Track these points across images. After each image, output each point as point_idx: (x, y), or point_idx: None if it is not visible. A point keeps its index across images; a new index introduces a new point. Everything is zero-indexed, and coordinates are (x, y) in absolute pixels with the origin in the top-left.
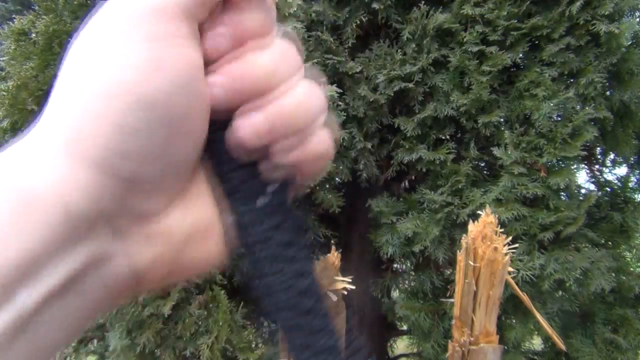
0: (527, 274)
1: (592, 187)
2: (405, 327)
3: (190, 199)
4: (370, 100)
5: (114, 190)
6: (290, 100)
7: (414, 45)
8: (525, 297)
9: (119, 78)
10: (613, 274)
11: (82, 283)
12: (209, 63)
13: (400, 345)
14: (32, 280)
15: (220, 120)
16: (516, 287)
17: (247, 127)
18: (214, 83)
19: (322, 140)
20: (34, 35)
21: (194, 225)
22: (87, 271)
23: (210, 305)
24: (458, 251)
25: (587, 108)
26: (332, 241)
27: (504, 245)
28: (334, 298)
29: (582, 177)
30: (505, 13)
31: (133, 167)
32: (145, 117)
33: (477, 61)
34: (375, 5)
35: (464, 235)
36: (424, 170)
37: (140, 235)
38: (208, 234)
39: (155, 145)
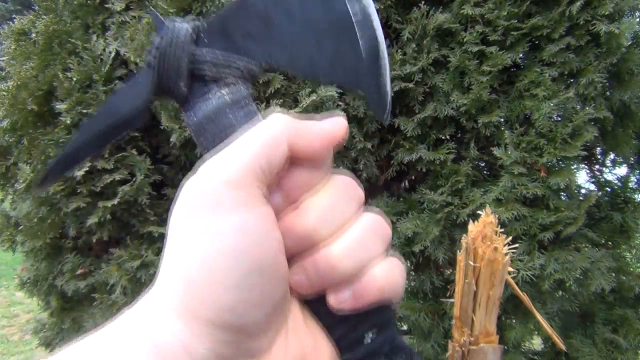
0: (527, 274)
1: (592, 187)
2: (405, 327)
3: (288, 331)
4: None
5: (225, 338)
6: (331, 254)
7: (414, 45)
8: (525, 297)
9: (215, 246)
10: (613, 274)
11: None
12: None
13: None
14: None
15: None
16: (516, 287)
17: (291, 283)
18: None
19: (379, 280)
20: (34, 35)
21: (294, 355)
22: None
23: None
24: (458, 251)
25: (587, 108)
26: None
27: (504, 245)
28: None
29: (582, 177)
30: (505, 13)
31: (241, 318)
32: (244, 273)
33: (477, 61)
34: (375, 5)
35: (464, 235)
36: (424, 170)
37: None
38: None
39: (255, 295)
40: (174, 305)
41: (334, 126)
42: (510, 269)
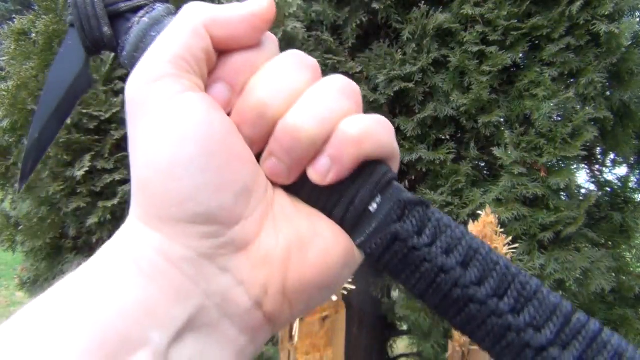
0: None
1: (592, 187)
2: (405, 327)
3: (276, 217)
4: (370, 100)
5: (199, 231)
6: (289, 123)
7: (414, 45)
8: None
9: (152, 141)
10: (613, 274)
11: (209, 319)
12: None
13: (400, 345)
14: (160, 322)
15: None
16: None
17: (266, 172)
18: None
19: (352, 132)
20: (34, 35)
21: (288, 240)
22: (210, 308)
23: None
24: None
25: (587, 108)
26: None
27: (504, 245)
28: (334, 298)
29: (582, 177)
30: (505, 13)
31: (205, 205)
32: (190, 158)
33: (477, 61)
34: (375, 5)
35: None
36: (424, 170)
37: (244, 264)
38: (306, 245)
39: (212, 178)
40: (138, 215)
41: (256, 4)
42: None
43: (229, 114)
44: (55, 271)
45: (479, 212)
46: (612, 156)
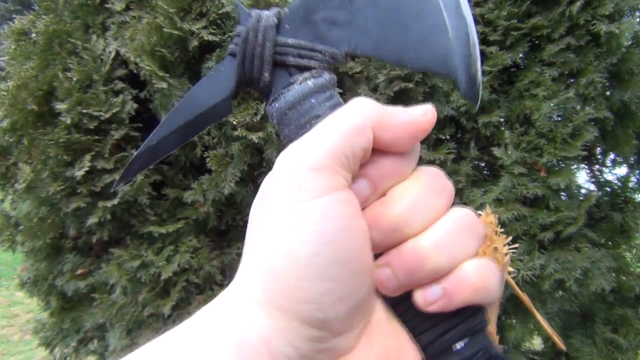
0: (527, 274)
1: (592, 187)
2: None
3: (372, 331)
4: None
5: (308, 334)
6: (421, 247)
7: None
8: (525, 297)
9: (295, 241)
10: (613, 274)
11: None
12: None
13: None
14: None
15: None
16: (516, 287)
17: (376, 281)
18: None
19: (472, 278)
20: (34, 35)
21: (379, 356)
22: None
23: None
24: None
25: (587, 108)
26: None
27: (504, 245)
28: None
29: (582, 177)
30: (505, 13)
31: (324, 312)
32: (328, 263)
33: None
34: None
35: None
36: None
37: None
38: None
39: (339, 288)
40: (257, 297)
41: (421, 114)
42: (511, 269)
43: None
44: (55, 271)
45: (479, 212)
46: (612, 156)
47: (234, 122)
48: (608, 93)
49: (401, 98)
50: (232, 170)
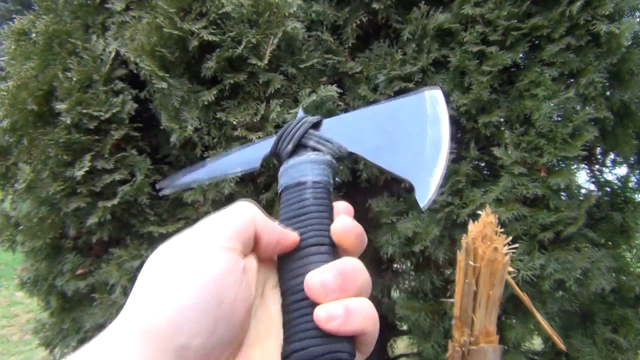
0: (527, 274)
1: (592, 187)
2: (405, 327)
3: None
4: (371, 100)
5: (171, 358)
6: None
7: (414, 45)
8: (525, 297)
9: (186, 277)
10: (613, 274)
11: None
12: None
13: (400, 345)
14: None
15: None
16: (516, 287)
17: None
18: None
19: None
20: (34, 35)
21: None
22: None
23: None
24: (458, 251)
25: (587, 108)
26: None
27: (504, 245)
28: None
29: (582, 177)
30: (505, 13)
31: (186, 339)
32: (204, 302)
33: (477, 61)
34: (375, 5)
35: (464, 235)
36: None
37: None
38: None
39: (206, 323)
40: (139, 323)
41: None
42: (510, 269)
43: None
44: (55, 271)
45: (479, 212)
46: (612, 156)
47: (234, 122)
48: (608, 93)
49: None
50: None
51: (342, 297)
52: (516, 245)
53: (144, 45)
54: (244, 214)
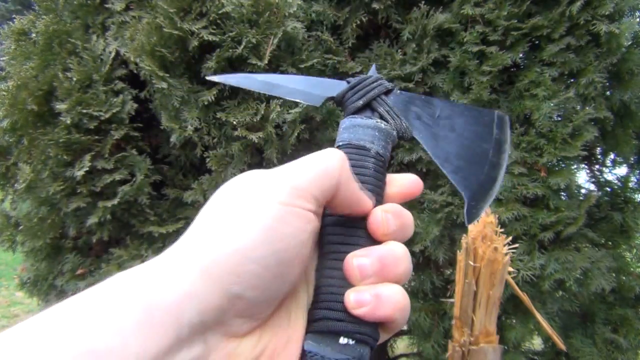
0: (527, 274)
1: (592, 187)
2: (405, 327)
3: (267, 326)
4: None
5: (220, 304)
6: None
7: (414, 45)
8: (525, 297)
9: (258, 226)
10: (613, 274)
11: None
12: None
13: (400, 345)
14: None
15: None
16: (516, 287)
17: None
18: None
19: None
20: (34, 35)
21: (263, 349)
22: None
23: None
24: (458, 251)
25: (587, 108)
26: None
27: (504, 245)
28: None
29: (582, 177)
30: (505, 13)
31: (241, 290)
32: (269, 258)
33: (477, 61)
34: (375, 5)
35: (464, 235)
36: (424, 170)
37: (222, 351)
38: (273, 357)
39: (264, 278)
40: (198, 259)
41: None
42: (510, 269)
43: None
44: (55, 271)
45: None
46: (612, 156)
47: (234, 122)
48: (608, 93)
49: None
50: (232, 170)
51: (378, 282)
52: (516, 245)
53: (144, 45)
54: (332, 163)
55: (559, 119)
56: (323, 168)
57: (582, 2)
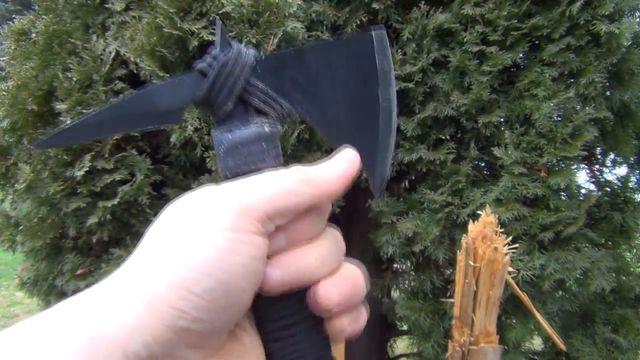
0: (527, 274)
1: (592, 187)
2: (405, 327)
3: (220, 357)
4: None
5: (168, 338)
6: (348, 278)
7: (414, 45)
8: (525, 297)
9: (202, 257)
10: (613, 274)
11: None
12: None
13: (400, 345)
14: None
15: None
16: (516, 287)
17: (328, 294)
18: (272, 273)
19: (362, 315)
20: (34, 35)
21: None
22: None
23: None
24: (458, 251)
25: (587, 108)
26: None
27: (504, 245)
28: None
29: (582, 177)
30: (505, 13)
31: (189, 323)
32: (215, 290)
33: (477, 61)
34: (375, 5)
35: (464, 235)
36: (424, 170)
37: None
38: None
39: (211, 311)
40: (141, 291)
41: (347, 166)
42: (510, 269)
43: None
44: (55, 271)
45: (479, 212)
46: (612, 156)
47: None
48: (608, 93)
49: (401, 98)
50: None
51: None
52: (516, 245)
53: (144, 45)
54: (290, 178)
55: (559, 119)
56: (280, 184)
57: (582, 2)
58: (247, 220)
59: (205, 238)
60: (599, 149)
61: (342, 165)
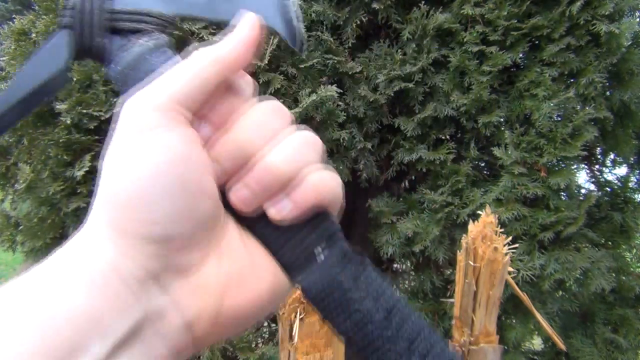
0: (527, 274)
1: (592, 187)
2: None
3: (222, 250)
4: (370, 100)
5: (152, 251)
6: (269, 161)
7: (414, 45)
8: (525, 297)
9: (144, 167)
10: (613, 274)
11: (143, 336)
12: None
13: None
14: (102, 333)
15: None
16: (516, 287)
17: (235, 201)
18: (217, 155)
19: (315, 183)
20: (34, 35)
21: (228, 273)
22: (146, 324)
23: None
24: (458, 251)
25: (587, 108)
26: None
27: (504, 245)
28: None
29: (582, 177)
30: (505, 13)
31: (167, 231)
32: (167, 188)
33: (477, 61)
34: (375, 5)
35: (464, 235)
36: (424, 170)
37: (184, 288)
38: (243, 280)
39: (179, 209)
40: (103, 224)
41: (248, 31)
42: (510, 269)
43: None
44: None
45: (479, 212)
46: (612, 156)
47: None
48: (608, 93)
49: (401, 98)
50: None
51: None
52: (516, 245)
53: None
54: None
55: (559, 119)
56: (182, 70)
57: (582, 2)
58: (165, 119)
59: (132, 151)
60: (599, 149)
61: (239, 31)
